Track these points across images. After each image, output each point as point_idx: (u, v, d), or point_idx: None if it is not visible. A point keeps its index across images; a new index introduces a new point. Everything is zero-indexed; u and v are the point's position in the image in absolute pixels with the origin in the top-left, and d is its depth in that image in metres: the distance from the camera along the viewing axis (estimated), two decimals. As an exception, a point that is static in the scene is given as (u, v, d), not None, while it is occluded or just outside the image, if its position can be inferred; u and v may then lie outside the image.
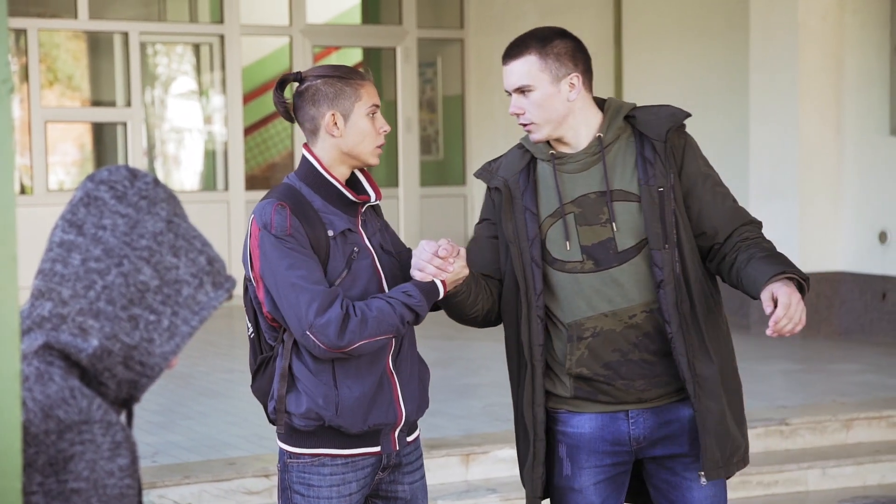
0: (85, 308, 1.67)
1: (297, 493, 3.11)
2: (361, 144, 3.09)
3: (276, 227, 2.99)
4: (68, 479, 1.61)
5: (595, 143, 3.20)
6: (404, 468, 3.20)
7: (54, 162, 11.83)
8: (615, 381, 3.15)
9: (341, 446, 3.09)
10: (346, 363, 3.05)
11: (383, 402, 3.10)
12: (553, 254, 3.17)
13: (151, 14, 12.26)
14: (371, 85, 3.12)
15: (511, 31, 12.26)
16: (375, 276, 3.10)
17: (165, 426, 6.38)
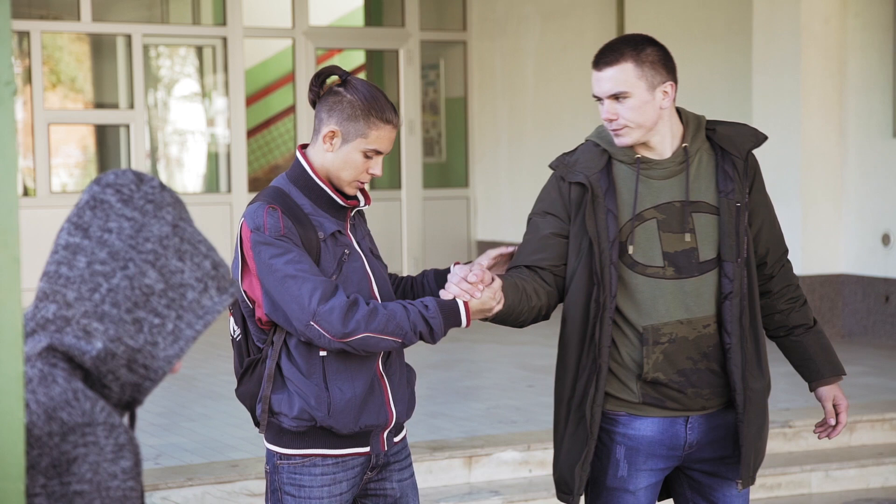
0: (90, 311, 1.67)
1: (287, 495, 3.10)
2: (342, 171, 3.07)
3: (269, 229, 2.99)
4: (71, 482, 1.61)
5: (681, 153, 3.28)
6: (392, 466, 3.22)
7: (57, 164, 11.84)
8: (686, 389, 3.24)
9: (332, 446, 3.09)
10: (337, 364, 3.05)
11: (374, 404, 3.10)
12: (635, 257, 3.22)
13: (154, 16, 12.27)
14: (389, 131, 3.06)
15: (513, 33, 12.31)
16: (366, 279, 3.11)
17: (168, 428, 6.38)
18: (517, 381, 7.67)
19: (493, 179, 12.58)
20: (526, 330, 10.31)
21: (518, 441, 5.95)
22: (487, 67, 12.59)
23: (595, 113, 11.34)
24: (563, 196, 3.29)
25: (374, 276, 3.13)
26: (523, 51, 12.16)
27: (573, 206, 3.26)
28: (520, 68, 12.22)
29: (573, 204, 3.26)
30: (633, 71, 3.23)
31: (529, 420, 6.51)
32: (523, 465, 5.87)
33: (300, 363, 3.04)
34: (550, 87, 11.90)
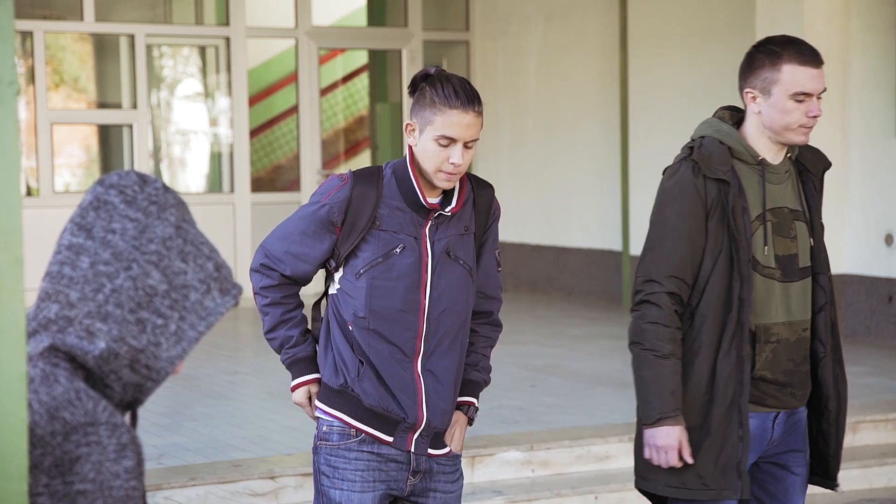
0: (93, 311, 1.68)
1: (323, 475, 3.20)
2: (424, 162, 3.14)
3: (323, 189, 3.19)
4: (74, 481, 1.61)
5: (787, 162, 3.39)
6: (436, 476, 3.24)
7: (60, 164, 11.85)
8: (785, 388, 3.35)
9: (360, 419, 3.15)
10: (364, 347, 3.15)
11: (405, 398, 3.15)
12: (756, 256, 3.30)
13: (157, 16, 12.27)
14: (457, 115, 3.07)
15: (515, 33, 12.31)
16: (415, 278, 3.15)
17: (171, 428, 6.38)
18: (519, 381, 7.67)
19: (494, 179, 12.57)
20: (527, 330, 10.31)
21: (521, 441, 5.95)
22: (490, 67, 12.59)
23: (597, 114, 11.36)
24: (701, 193, 3.28)
25: (432, 278, 3.17)
26: (525, 51, 12.16)
27: (711, 203, 3.27)
28: (522, 68, 12.22)
29: (711, 200, 3.27)
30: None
31: (532, 420, 6.51)
32: (526, 465, 5.88)
33: (342, 326, 3.19)
34: (552, 87, 11.90)
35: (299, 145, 12.15)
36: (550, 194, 11.96)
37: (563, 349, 8.86)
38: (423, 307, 3.16)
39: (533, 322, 10.23)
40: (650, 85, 10.77)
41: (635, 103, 10.92)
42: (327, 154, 13.01)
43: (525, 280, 12.28)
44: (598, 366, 8.25)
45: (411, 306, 3.15)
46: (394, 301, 3.14)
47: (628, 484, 5.79)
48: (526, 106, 12.22)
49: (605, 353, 8.88)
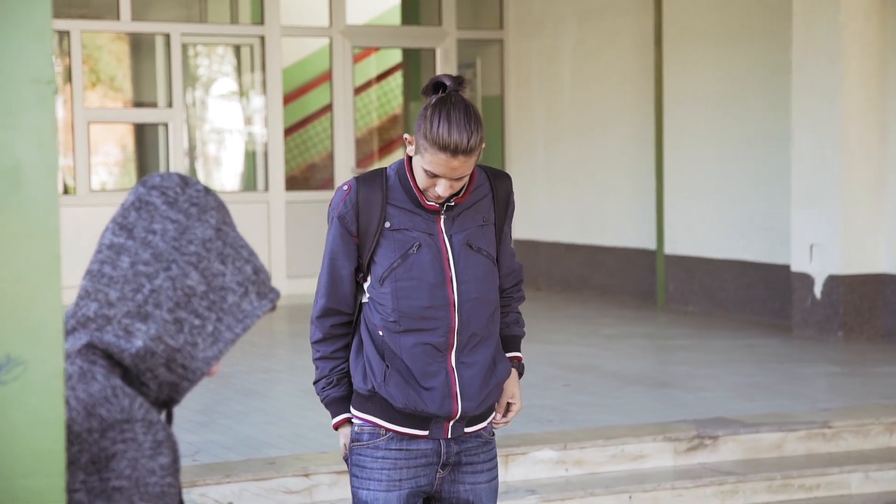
0: (132, 310, 1.69)
1: (353, 476, 3.23)
2: (417, 177, 3.14)
3: (332, 204, 3.21)
4: (110, 478, 1.62)
5: None
6: (464, 468, 3.23)
7: (97, 162, 11.93)
8: None
9: (391, 420, 3.17)
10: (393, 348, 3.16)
11: (438, 394, 3.15)
12: None
13: (193, 15, 12.33)
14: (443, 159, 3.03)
15: (550, 32, 12.28)
16: (438, 274, 3.15)
17: (206, 425, 6.41)
18: (552, 380, 7.66)
19: (529, 179, 12.55)
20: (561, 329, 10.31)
21: (554, 440, 5.94)
22: (524, 67, 12.57)
23: (632, 113, 11.31)
24: None
25: (457, 271, 3.17)
26: (560, 50, 12.13)
27: None
28: (556, 68, 12.19)
29: None
30: None
31: (565, 419, 6.50)
32: (560, 464, 5.86)
33: (371, 331, 3.20)
34: (587, 86, 11.86)
35: (333, 144, 12.17)
36: (585, 193, 11.93)
37: (597, 348, 8.84)
38: (452, 301, 3.16)
39: (567, 321, 10.20)
40: (685, 84, 10.71)
41: (670, 102, 10.87)
42: (361, 152, 13.04)
43: (559, 279, 12.25)
44: (632, 365, 8.22)
45: (440, 302, 3.15)
46: (421, 300, 3.14)
47: (663, 483, 5.77)
48: (560, 105, 12.19)
49: (639, 353, 8.85)
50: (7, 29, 1.44)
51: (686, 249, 10.77)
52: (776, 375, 7.75)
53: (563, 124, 12.15)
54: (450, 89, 3.08)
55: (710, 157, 10.51)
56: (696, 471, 5.96)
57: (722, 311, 10.41)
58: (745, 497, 5.88)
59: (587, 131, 11.88)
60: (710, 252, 10.53)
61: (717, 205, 10.44)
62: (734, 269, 10.30)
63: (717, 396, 7.06)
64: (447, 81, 3.09)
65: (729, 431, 6.13)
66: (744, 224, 10.19)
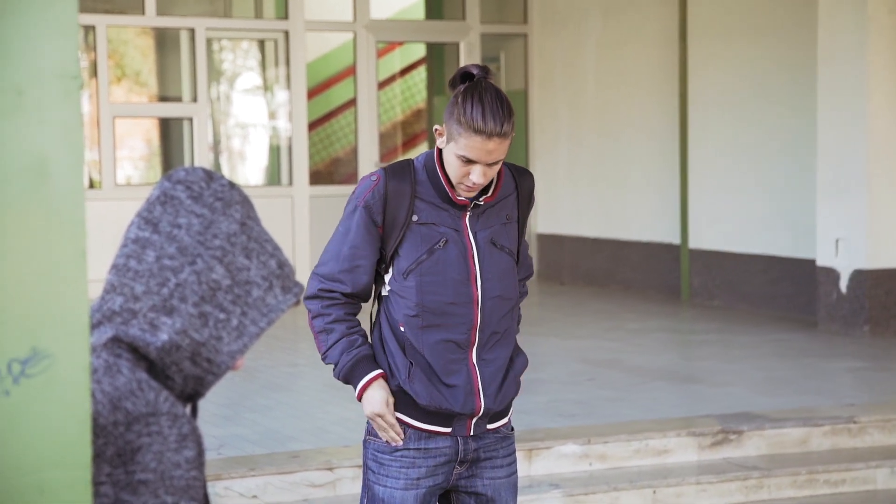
0: (157, 304, 1.69)
1: (370, 470, 3.21)
2: (449, 169, 3.12)
3: (357, 192, 3.16)
4: (136, 471, 1.63)
5: None
6: (483, 463, 3.22)
7: (122, 157, 11.98)
8: None
9: (415, 417, 3.15)
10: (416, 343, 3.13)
11: (461, 391, 3.14)
12: None
13: (217, 10, 12.36)
14: (479, 142, 3.01)
15: (574, 27, 12.25)
16: (463, 270, 3.14)
17: (231, 419, 6.43)
18: (578, 374, 7.65)
19: (553, 173, 12.54)
20: (585, 324, 10.31)
21: (579, 434, 5.93)
22: (548, 61, 12.55)
23: (656, 107, 11.28)
24: None
25: (481, 268, 3.15)
26: (584, 45, 12.10)
27: None
28: (580, 62, 12.16)
29: None
30: None
31: (590, 414, 6.49)
32: (584, 458, 5.86)
33: (393, 327, 3.17)
34: (611, 81, 11.83)
35: (357, 138, 12.18)
36: (609, 188, 11.90)
37: (621, 343, 8.82)
38: (476, 298, 3.15)
39: (591, 316, 10.19)
40: (709, 78, 10.67)
41: (694, 97, 10.83)
42: (385, 147, 13.05)
43: (583, 274, 12.23)
44: (656, 360, 8.20)
45: (464, 298, 3.14)
46: (445, 296, 3.13)
47: (687, 478, 5.76)
48: (584, 99, 12.16)
49: (664, 348, 8.83)
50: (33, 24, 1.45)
51: (710, 244, 10.73)
52: (801, 370, 7.72)
53: (587, 119, 12.13)
54: (478, 77, 3.09)
55: (735, 152, 10.47)
56: (721, 466, 5.94)
57: (746, 306, 10.38)
58: (770, 492, 5.86)
59: (611, 126, 11.85)
60: (735, 246, 10.49)
61: (742, 199, 10.40)
62: (759, 263, 10.26)
63: (742, 391, 7.04)
64: (474, 70, 3.10)
65: (754, 426, 6.12)
66: (769, 218, 10.15)
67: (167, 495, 1.65)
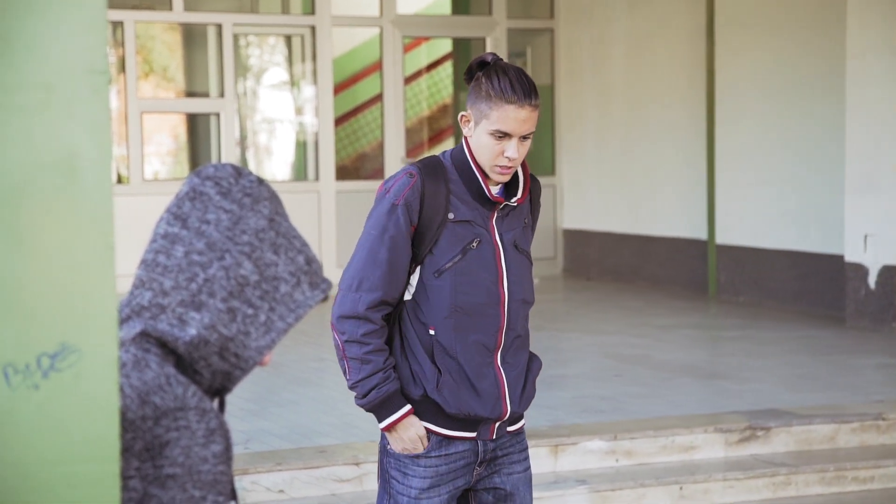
0: (186, 300, 1.70)
1: (392, 479, 3.18)
2: (480, 155, 3.10)
3: (392, 190, 3.08)
4: (164, 465, 1.64)
5: None
6: (501, 460, 3.22)
7: (150, 152, 12.03)
8: None
9: (440, 424, 3.14)
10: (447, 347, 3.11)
11: (489, 396, 3.13)
12: None
13: (244, 6, 12.39)
14: (513, 111, 3.02)
15: (601, 21, 12.22)
16: (493, 271, 3.13)
17: (257, 413, 6.45)
18: (604, 370, 7.63)
19: (579, 168, 12.51)
20: (612, 320, 10.29)
21: (605, 430, 5.92)
22: (575, 55, 12.51)
23: (683, 102, 11.23)
24: None
25: (507, 269, 3.15)
26: (611, 38, 12.07)
27: None
28: (607, 56, 12.13)
29: None
30: None
31: (616, 409, 6.47)
32: (610, 454, 5.85)
33: (419, 334, 3.12)
34: (639, 74, 11.79)
35: (383, 133, 12.19)
36: (636, 183, 11.87)
37: (648, 339, 8.80)
38: (503, 300, 3.15)
39: (618, 312, 10.16)
40: (737, 72, 10.62)
41: (721, 90, 10.78)
42: (411, 142, 13.05)
43: (610, 269, 12.20)
44: (683, 356, 8.18)
45: (494, 299, 3.13)
46: (478, 296, 3.11)
47: (714, 475, 5.74)
48: (612, 94, 12.13)
49: (691, 344, 8.80)
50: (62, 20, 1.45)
51: (738, 239, 10.69)
52: (829, 367, 7.68)
53: (614, 113, 12.09)
54: (493, 60, 3.11)
55: (763, 146, 10.42)
56: (748, 462, 5.92)
57: (774, 302, 10.33)
58: (798, 489, 5.84)
59: (638, 120, 11.81)
60: (762, 242, 10.44)
61: (770, 194, 10.35)
62: (787, 259, 10.21)
63: (769, 388, 7.01)
64: (489, 58, 3.12)
65: (781, 423, 6.09)
66: (797, 214, 10.09)
67: (195, 489, 1.65)
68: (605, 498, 5.57)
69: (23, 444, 1.45)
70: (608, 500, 5.58)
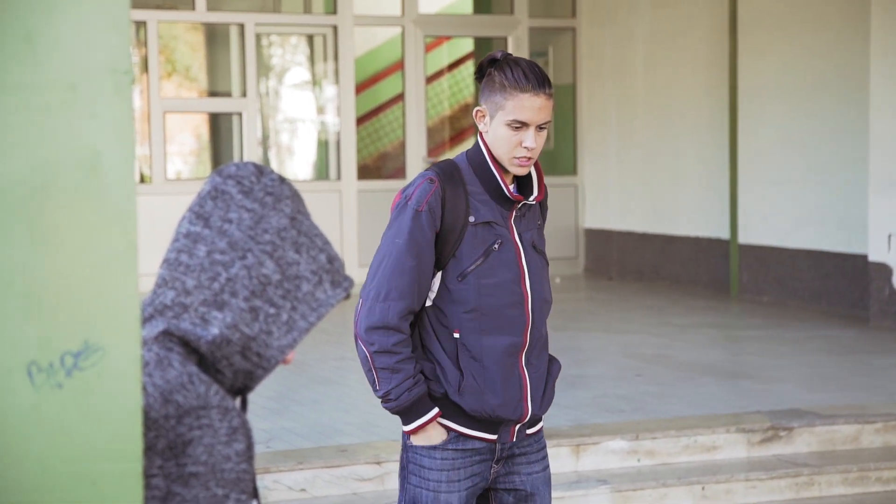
0: (208, 299, 1.70)
1: (411, 473, 3.18)
2: (497, 148, 3.10)
3: (414, 197, 3.07)
4: (187, 463, 1.64)
5: None
6: (518, 459, 3.22)
7: (172, 151, 12.06)
8: None
9: (460, 423, 3.13)
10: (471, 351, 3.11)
11: (511, 398, 3.13)
12: None
13: (267, 5, 12.41)
14: (527, 99, 3.03)
15: (623, 20, 12.19)
16: (515, 271, 3.13)
17: (279, 412, 6.46)
18: (625, 370, 7.62)
19: (601, 168, 12.49)
20: (633, 319, 10.26)
21: (626, 430, 5.91)
22: (597, 54, 12.49)
23: (706, 101, 11.20)
24: None
25: (528, 270, 3.15)
26: (633, 37, 12.04)
27: None
28: (630, 55, 12.10)
29: None
30: None
31: (637, 409, 6.46)
32: (632, 454, 5.83)
33: (440, 337, 3.12)
34: (661, 74, 11.76)
35: (405, 133, 12.19)
36: (658, 182, 11.84)
37: (669, 338, 8.78)
38: (527, 299, 3.15)
39: (639, 311, 10.14)
40: (759, 72, 10.58)
41: (744, 90, 10.74)
42: (433, 142, 13.05)
43: (631, 269, 12.18)
44: (704, 355, 8.15)
45: (518, 299, 3.13)
46: (502, 297, 3.11)
47: (736, 475, 5.72)
48: (633, 93, 12.10)
49: (712, 343, 8.77)
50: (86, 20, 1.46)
51: (760, 239, 10.65)
52: (852, 367, 7.64)
53: (636, 113, 12.07)
54: (503, 55, 3.13)
55: (785, 145, 10.37)
56: (771, 462, 5.90)
57: (797, 302, 10.29)
58: (821, 489, 5.81)
59: (660, 120, 11.78)
60: (785, 241, 10.40)
61: (792, 193, 10.31)
62: (809, 258, 10.17)
63: (792, 388, 6.98)
64: (498, 55, 3.13)
65: (804, 423, 6.06)
66: (819, 213, 10.05)
67: (218, 488, 1.66)
68: (627, 498, 5.56)
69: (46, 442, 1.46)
70: (630, 500, 5.57)
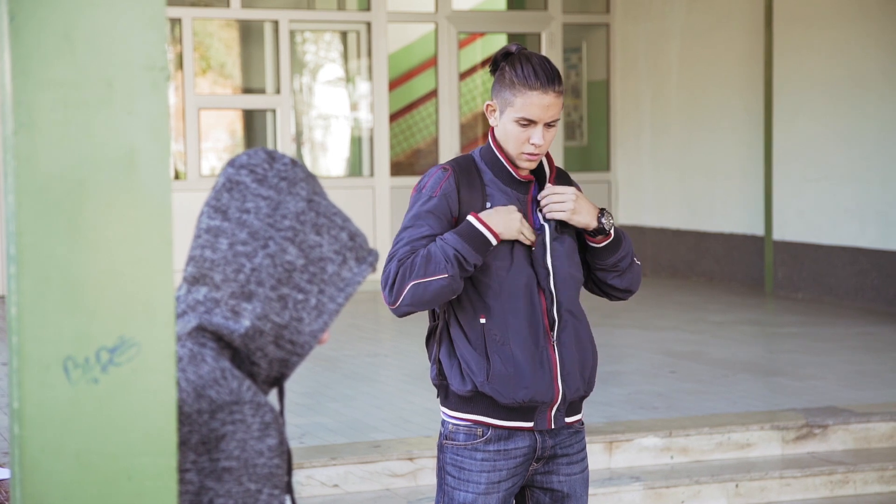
0: (236, 291, 1.71)
1: (449, 475, 3.18)
2: (506, 143, 3.15)
3: (429, 185, 3.13)
4: (220, 458, 1.65)
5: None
6: (559, 459, 3.21)
7: (207, 148, 12.12)
8: None
9: (495, 416, 3.13)
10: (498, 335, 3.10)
11: (541, 379, 3.12)
12: None
13: (301, 2, 12.44)
14: (536, 97, 3.06)
15: (657, 15, 12.14)
16: (537, 249, 3.14)
17: (313, 408, 6.48)
18: (659, 367, 7.59)
19: (635, 163, 12.44)
20: (668, 316, 10.24)
21: (659, 427, 5.89)
22: (630, 50, 12.45)
23: (741, 97, 11.13)
24: None
25: (550, 246, 3.15)
26: (668, 33, 11.99)
27: None
28: (664, 51, 12.05)
29: None
30: None
31: (671, 406, 6.44)
32: (665, 451, 5.82)
33: (465, 328, 3.13)
34: (695, 69, 11.71)
35: (438, 129, 12.19)
36: (692, 178, 11.79)
37: (703, 335, 8.74)
38: (549, 276, 3.15)
39: (673, 307, 10.10)
40: (795, 67, 10.51)
41: (780, 85, 10.68)
42: (466, 138, 13.05)
43: (666, 265, 12.13)
44: (739, 352, 8.11)
45: (542, 275, 3.14)
46: (523, 276, 3.12)
47: (770, 473, 5.69)
48: (668, 89, 12.05)
49: (747, 340, 8.73)
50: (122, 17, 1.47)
51: (795, 235, 10.58)
52: (889, 364, 7.59)
53: (671, 108, 12.02)
54: (518, 49, 3.15)
55: (821, 141, 10.31)
56: (805, 460, 5.86)
57: (832, 299, 10.22)
58: (856, 487, 5.77)
59: (695, 115, 11.73)
60: (821, 238, 10.34)
61: (828, 189, 10.24)
62: (845, 255, 10.10)
63: (827, 385, 6.94)
64: (513, 48, 3.15)
65: (839, 420, 6.02)
66: (856, 209, 9.98)
67: (250, 482, 1.67)
68: (660, 495, 5.55)
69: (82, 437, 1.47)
70: (663, 497, 5.55)
